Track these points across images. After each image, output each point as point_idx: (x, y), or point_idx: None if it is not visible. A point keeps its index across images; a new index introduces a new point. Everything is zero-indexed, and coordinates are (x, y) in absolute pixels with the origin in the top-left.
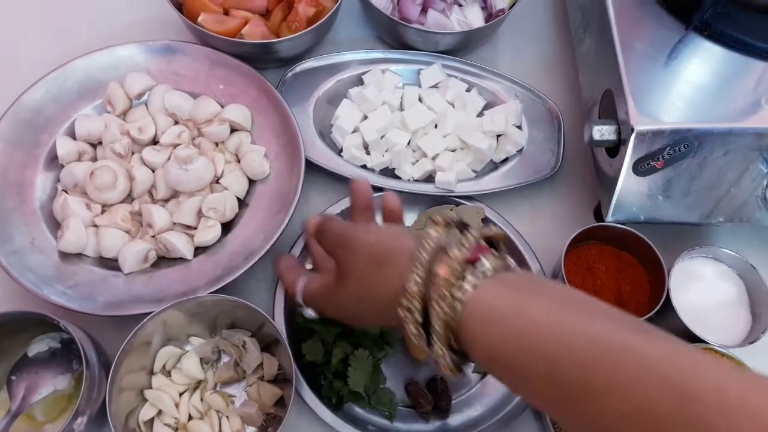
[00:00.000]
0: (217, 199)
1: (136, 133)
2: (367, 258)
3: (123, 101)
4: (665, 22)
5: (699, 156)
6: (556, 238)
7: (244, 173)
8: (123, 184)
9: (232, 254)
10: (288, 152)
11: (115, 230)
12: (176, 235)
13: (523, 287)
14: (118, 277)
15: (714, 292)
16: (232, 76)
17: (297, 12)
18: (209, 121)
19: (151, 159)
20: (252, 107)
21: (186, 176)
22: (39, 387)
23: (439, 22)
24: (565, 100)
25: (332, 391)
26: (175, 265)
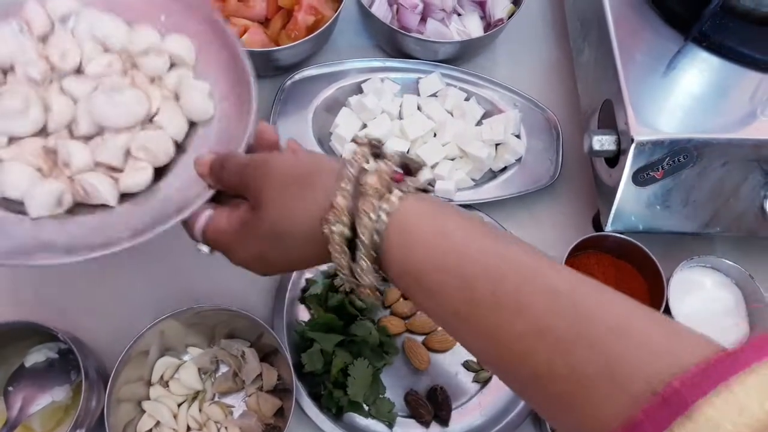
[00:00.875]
0: (149, 138)
1: (57, 60)
2: (286, 178)
3: (43, 22)
4: (664, 33)
5: (698, 166)
6: (555, 247)
7: (182, 113)
8: (36, 114)
9: (164, 202)
10: (236, 93)
11: (22, 165)
12: (98, 176)
13: (441, 206)
14: (22, 222)
15: (712, 301)
16: (174, 5)
17: (296, 20)
18: (146, 53)
19: (72, 89)
20: (196, 40)
21: (114, 109)
22: (37, 398)
23: (438, 31)
24: (563, 109)
25: (332, 401)
26: (95, 213)
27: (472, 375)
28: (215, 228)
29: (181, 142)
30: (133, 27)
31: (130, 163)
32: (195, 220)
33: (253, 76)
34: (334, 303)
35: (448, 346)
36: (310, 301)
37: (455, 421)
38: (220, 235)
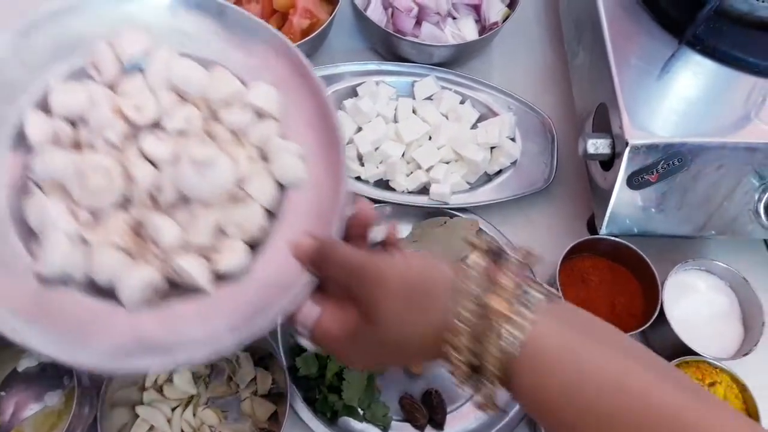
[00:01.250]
0: (242, 214)
1: (132, 113)
2: (401, 296)
3: (113, 66)
4: (658, 36)
5: (692, 170)
6: (550, 249)
7: (272, 177)
8: (119, 185)
9: (264, 285)
10: (326, 151)
11: (110, 250)
12: (190, 259)
13: (575, 326)
14: (117, 312)
15: (707, 304)
16: (254, 42)
17: (291, 23)
18: (227, 104)
19: (153, 151)
20: (279, 87)
21: (203, 183)
22: (29, 403)
23: (433, 34)
24: (558, 112)
25: (326, 405)
26: (190, 297)
27: None
28: (324, 331)
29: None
30: (211, 70)
31: (223, 243)
32: (299, 315)
33: (342, 134)
34: None
35: None
36: None
37: (450, 424)
38: (330, 340)
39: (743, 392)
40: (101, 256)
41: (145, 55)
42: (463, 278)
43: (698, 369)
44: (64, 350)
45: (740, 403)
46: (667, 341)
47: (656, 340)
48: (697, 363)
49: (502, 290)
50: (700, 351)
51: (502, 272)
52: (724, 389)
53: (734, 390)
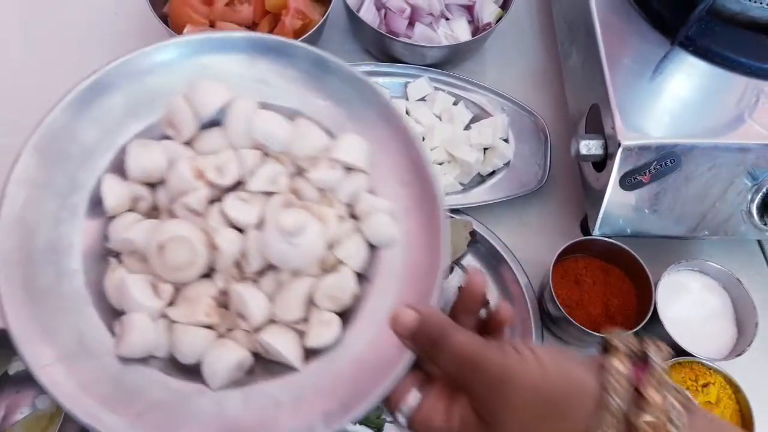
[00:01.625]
0: (335, 284)
1: (214, 176)
2: (532, 408)
3: (191, 123)
4: (651, 37)
5: (685, 170)
6: (543, 251)
7: (364, 238)
8: (203, 257)
9: (358, 362)
10: (420, 206)
11: (194, 329)
12: (280, 334)
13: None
14: (203, 395)
15: (700, 305)
16: (338, 86)
17: (284, 24)
18: (313, 159)
19: (238, 216)
20: (367, 136)
21: (293, 252)
22: (20, 406)
23: (426, 35)
24: (551, 113)
25: None
26: (278, 376)
27: None
28: (426, 421)
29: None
30: (294, 121)
31: (314, 315)
32: (397, 399)
33: (439, 188)
34: None
35: None
36: None
37: None
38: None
39: (737, 393)
40: (186, 335)
41: (223, 108)
42: (607, 391)
43: (692, 370)
44: None
45: (734, 403)
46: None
47: None
48: (690, 364)
49: (651, 407)
50: (693, 352)
51: (647, 383)
52: (718, 390)
53: (728, 391)
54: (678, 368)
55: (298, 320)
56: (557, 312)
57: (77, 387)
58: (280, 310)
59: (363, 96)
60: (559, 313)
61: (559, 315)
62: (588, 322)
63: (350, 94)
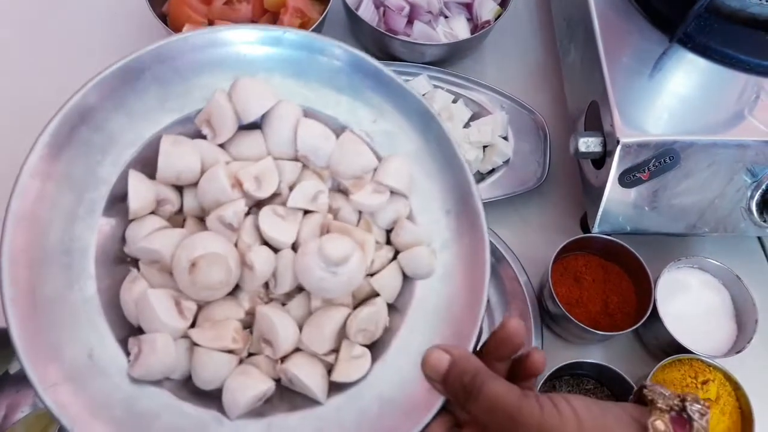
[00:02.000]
0: (369, 317)
1: (252, 188)
2: None
3: (231, 125)
4: (649, 34)
5: (684, 167)
6: (542, 248)
7: (398, 267)
8: (234, 276)
9: (385, 401)
10: (463, 237)
11: (218, 355)
12: (306, 365)
13: None
14: (220, 425)
15: (700, 302)
16: (386, 100)
17: (282, 23)
18: (358, 180)
19: (275, 236)
20: (415, 160)
21: (332, 281)
22: (21, 405)
23: (425, 33)
24: (550, 111)
25: None
26: (299, 408)
27: None
28: None
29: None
30: (343, 139)
31: (344, 348)
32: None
33: (484, 219)
34: None
35: None
36: None
37: None
38: None
39: (736, 390)
40: (209, 360)
41: (265, 111)
42: None
43: (691, 367)
44: None
45: (733, 400)
46: (660, 339)
47: (649, 339)
48: (690, 361)
49: None
50: (693, 349)
51: None
52: (717, 387)
53: (727, 388)
54: (677, 365)
55: (327, 352)
56: (557, 309)
57: (86, 410)
58: (309, 339)
59: (416, 118)
60: (559, 311)
61: (558, 312)
62: (587, 319)
63: (400, 112)
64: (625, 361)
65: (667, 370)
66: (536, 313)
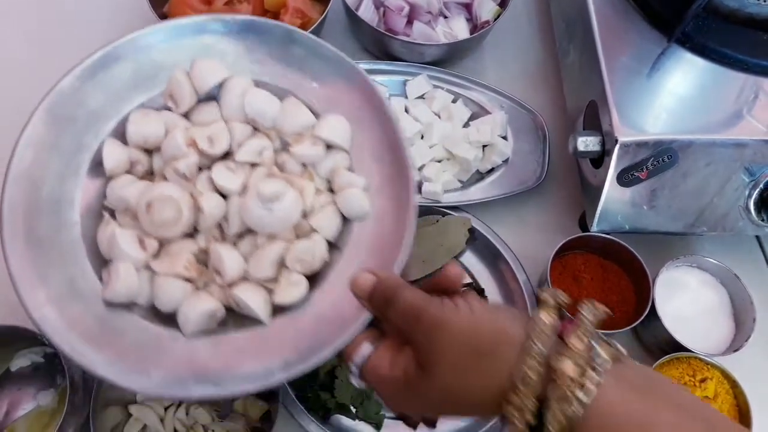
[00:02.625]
0: (305, 250)
1: (205, 146)
2: (463, 348)
3: (189, 97)
4: (648, 34)
5: (682, 167)
6: (541, 247)
7: (338, 210)
8: (187, 218)
9: (320, 319)
10: (393, 185)
11: (174, 280)
12: (251, 290)
13: (642, 388)
14: (176, 340)
15: (698, 300)
16: (329, 72)
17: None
18: (299, 136)
19: (224, 183)
20: (351, 119)
21: (269, 217)
22: (22, 403)
23: (424, 33)
24: (549, 110)
25: (319, 403)
26: (247, 328)
27: None
28: (374, 371)
29: (335, 241)
30: (285, 102)
31: (284, 276)
32: (352, 351)
33: (412, 170)
34: None
35: None
36: None
37: (442, 422)
38: (380, 381)
39: (734, 388)
40: (166, 285)
41: (220, 85)
42: (532, 337)
43: (689, 365)
44: (125, 377)
45: (731, 398)
46: (659, 338)
47: (648, 337)
48: (688, 359)
49: (572, 352)
50: (691, 347)
51: (572, 332)
52: (716, 385)
53: (725, 386)
54: (676, 363)
55: (269, 279)
56: None
57: (66, 326)
58: (253, 268)
59: (350, 79)
60: None
61: None
62: None
63: (338, 77)
64: None
65: (666, 368)
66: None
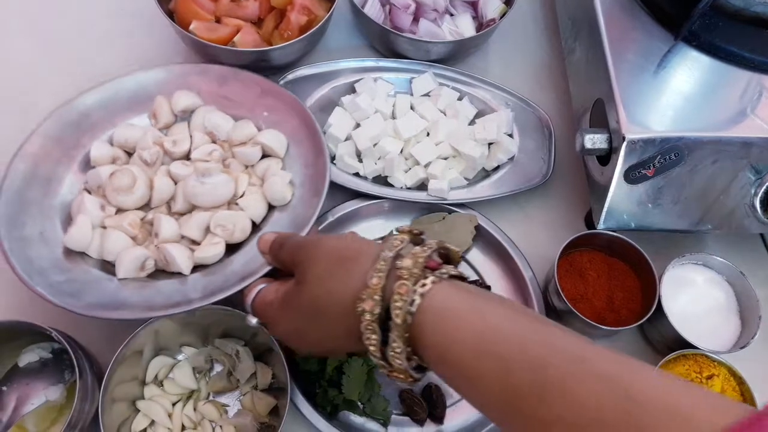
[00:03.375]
0: (226, 217)
1: (169, 146)
2: (329, 258)
3: (167, 115)
4: (655, 32)
5: (689, 164)
6: (548, 245)
7: (264, 197)
8: (142, 191)
9: (229, 274)
10: (313, 183)
11: (119, 233)
12: (178, 247)
13: (477, 292)
14: (111, 281)
15: (704, 298)
16: (277, 105)
17: (289, 20)
18: (243, 143)
19: (177, 171)
20: (290, 136)
21: (202, 189)
22: (30, 398)
23: (430, 31)
24: (555, 108)
25: (326, 399)
26: (171, 279)
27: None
28: (262, 300)
29: (259, 223)
30: (238, 122)
31: (207, 238)
32: (248, 292)
33: (329, 171)
34: None
35: None
36: None
37: (450, 419)
38: (266, 306)
39: (740, 385)
40: (112, 236)
41: (191, 110)
42: (384, 249)
43: (696, 362)
44: (60, 299)
45: (738, 395)
46: (665, 335)
47: (654, 334)
48: (694, 356)
49: (414, 255)
50: (697, 344)
51: (420, 248)
52: (722, 382)
53: (732, 383)
54: (682, 360)
55: (195, 240)
56: (562, 305)
57: (27, 259)
58: (184, 228)
59: (292, 107)
60: (564, 306)
61: (564, 308)
62: (592, 315)
63: (284, 108)
64: None
65: (672, 365)
66: (541, 309)
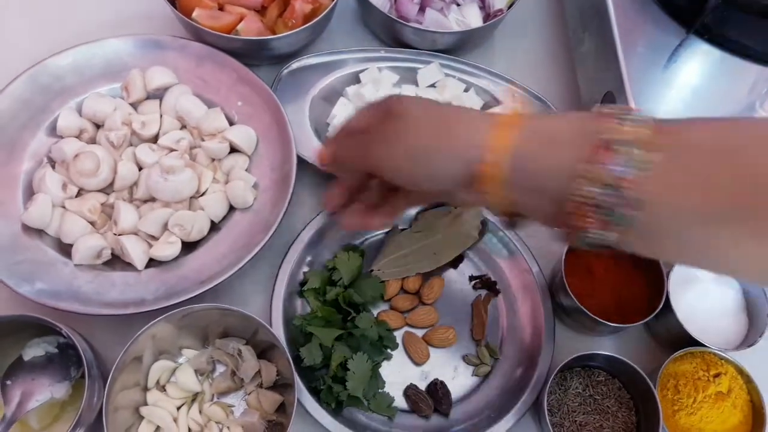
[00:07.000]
0: (185, 217)
1: (138, 127)
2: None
3: (139, 91)
4: (666, 25)
5: None
6: (553, 241)
7: (226, 197)
8: (105, 174)
9: (182, 277)
10: (278, 189)
11: (78, 218)
12: (135, 241)
13: None
14: (66, 266)
15: (711, 295)
16: (252, 96)
17: (293, 9)
18: (212, 135)
19: (143, 157)
20: (261, 133)
21: (164, 186)
22: (35, 393)
23: (437, 21)
24: (562, 100)
25: (331, 395)
26: (125, 271)
27: (471, 369)
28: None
29: (218, 222)
30: (210, 110)
31: (164, 236)
32: None
33: (294, 177)
34: (332, 296)
35: (448, 344)
36: (308, 294)
37: (455, 413)
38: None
39: (748, 383)
40: (71, 220)
41: (165, 88)
42: None
43: (703, 360)
44: (14, 281)
45: (745, 393)
46: (673, 332)
47: (661, 331)
48: (702, 354)
49: None
50: (705, 342)
51: None
52: (729, 380)
53: (739, 381)
54: (690, 358)
55: (151, 236)
56: (569, 301)
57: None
58: (142, 224)
59: (267, 103)
60: (571, 302)
61: (570, 304)
62: (599, 311)
63: (261, 103)
64: (637, 354)
65: (679, 362)
66: (548, 305)
